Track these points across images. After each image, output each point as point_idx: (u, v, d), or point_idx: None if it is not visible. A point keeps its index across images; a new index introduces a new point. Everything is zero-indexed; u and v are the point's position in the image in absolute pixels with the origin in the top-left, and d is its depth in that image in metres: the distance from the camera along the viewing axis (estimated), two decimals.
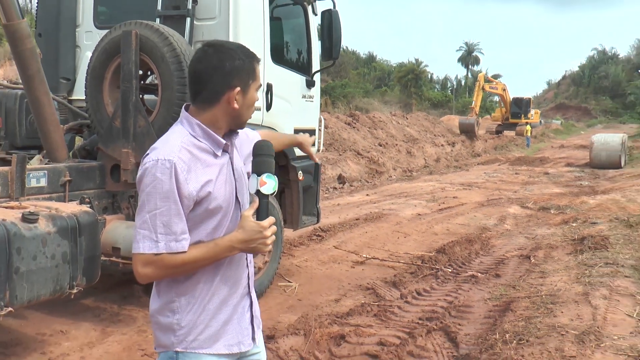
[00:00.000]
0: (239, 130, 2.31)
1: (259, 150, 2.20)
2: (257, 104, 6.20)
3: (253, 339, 2.32)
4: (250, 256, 2.31)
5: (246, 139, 2.46)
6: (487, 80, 44.45)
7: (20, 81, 6.35)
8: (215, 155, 2.17)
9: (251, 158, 2.29)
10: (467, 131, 34.17)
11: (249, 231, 2.08)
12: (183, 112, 2.21)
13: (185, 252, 2.07)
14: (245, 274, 2.29)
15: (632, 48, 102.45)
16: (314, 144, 7.14)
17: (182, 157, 2.06)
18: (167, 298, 2.18)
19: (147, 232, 2.05)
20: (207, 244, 2.12)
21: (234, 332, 2.24)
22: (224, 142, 2.18)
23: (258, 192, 2.14)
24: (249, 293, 2.31)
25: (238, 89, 2.14)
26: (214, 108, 2.16)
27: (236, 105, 2.16)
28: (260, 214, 2.11)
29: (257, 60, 2.23)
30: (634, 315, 5.51)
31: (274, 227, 2.13)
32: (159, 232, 2.04)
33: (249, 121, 2.34)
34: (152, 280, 2.16)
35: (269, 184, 2.13)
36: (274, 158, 2.25)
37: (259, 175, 2.14)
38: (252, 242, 2.09)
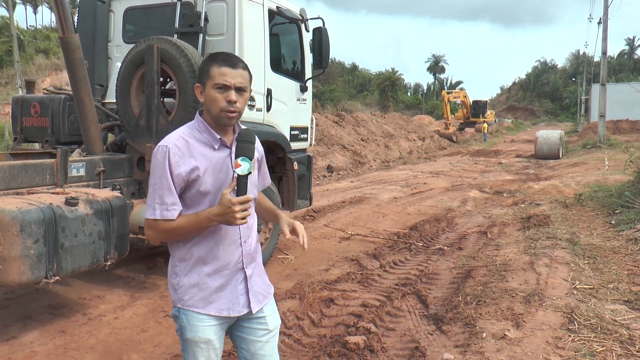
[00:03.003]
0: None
1: (239, 137, 2.13)
2: (258, 106, 6.26)
3: (249, 307, 2.26)
4: (244, 236, 2.25)
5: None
6: (449, 93, 44.72)
7: (64, 88, 6.34)
8: (213, 148, 2.18)
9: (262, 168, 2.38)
10: (447, 138, 34.75)
11: (222, 206, 2.06)
12: (197, 113, 2.25)
13: (174, 219, 2.12)
14: (237, 251, 2.23)
15: (567, 60, 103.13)
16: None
17: (177, 144, 2.13)
18: (172, 263, 2.25)
19: (150, 202, 2.14)
20: (190, 214, 2.15)
21: (226, 299, 2.22)
22: (218, 137, 2.18)
23: (234, 173, 2.10)
24: (243, 269, 2.25)
25: (197, 84, 2.20)
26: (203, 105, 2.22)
27: (202, 99, 2.19)
28: (237, 192, 2.07)
29: (216, 63, 2.15)
30: (569, 280, 5.57)
31: (247, 204, 2.07)
32: (156, 202, 2.12)
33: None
34: (154, 241, 2.25)
35: (243, 166, 2.06)
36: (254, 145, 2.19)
37: (236, 158, 2.09)
38: (224, 216, 2.07)
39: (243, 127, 2.28)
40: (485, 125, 41.07)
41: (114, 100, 5.80)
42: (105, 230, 4.27)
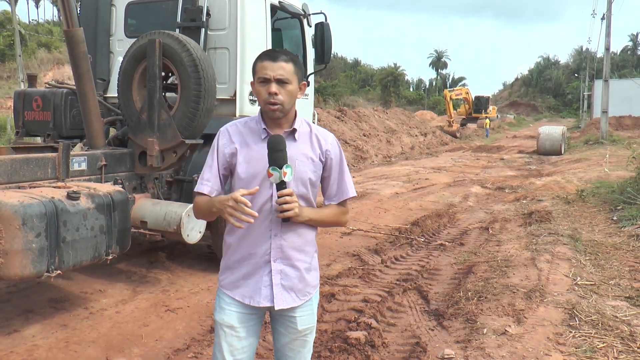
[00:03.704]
0: (318, 135, 2.35)
1: (268, 146, 2.15)
2: None
3: (272, 302, 2.26)
4: (275, 230, 2.24)
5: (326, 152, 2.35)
6: (450, 91, 44.64)
7: (66, 82, 6.32)
8: (261, 138, 2.25)
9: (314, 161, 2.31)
10: (451, 135, 34.72)
11: (225, 198, 2.14)
12: None
13: (203, 193, 2.28)
14: (266, 244, 2.24)
15: (570, 56, 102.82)
16: None
17: (229, 129, 2.31)
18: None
19: None
20: (209, 197, 2.28)
21: (250, 287, 2.27)
22: (263, 127, 2.25)
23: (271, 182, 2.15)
24: (270, 262, 2.25)
25: (251, 81, 2.28)
26: None
27: (255, 94, 2.27)
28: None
29: (260, 59, 2.23)
30: (570, 276, 5.57)
31: (243, 208, 2.08)
32: (200, 176, 2.32)
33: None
34: (195, 215, 2.41)
35: (274, 175, 2.10)
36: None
37: (268, 167, 2.13)
38: (221, 207, 2.14)
39: (309, 124, 2.36)
40: (488, 121, 41.00)
41: (116, 95, 5.79)
42: (107, 225, 4.27)
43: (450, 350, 3.95)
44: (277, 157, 2.12)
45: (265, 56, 2.22)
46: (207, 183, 2.28)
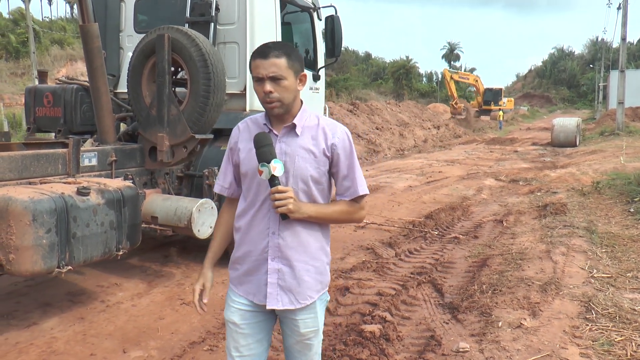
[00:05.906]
0: (325, 128, 2.23)
1: (254, 144, 2.10)
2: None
3: (268, 299, 2.20)
4: (273, 228, 2.17)
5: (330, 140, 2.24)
6: (453, 72, 43.96)
7: (76, 78, 6.33)
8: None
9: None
10: (457, 115, 34.43)
11: (196, 281, 2.35)
12: None
13: (221, 195, 2.41)
14: (264, 241, 2.18)
15: (584, 46, 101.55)
16: None
17: (240, 126, 2.31)
18: None
19: None
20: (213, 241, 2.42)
21: (252, 285, 2.24)
22: (263, 122, 2.22)
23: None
24: (267, 260, 2.18)
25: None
26: None
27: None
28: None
29: (252, 57, 2.14)
30: (586, 268, 5.50)
31: None
32: (218, 174, 2.41)
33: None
34: None
35: (264, 172, 2.05)
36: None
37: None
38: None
39: (318, 117, 2.29)
40: (501, 113, 40.67)
41: (126, 90, 5.79)
42: (117, 220, 4.26)
43: (465, 344, 3.90)
44: (262, 152, 2.06)
45: (256, 54, 2.12)
46: (220, 183, 2.37)
